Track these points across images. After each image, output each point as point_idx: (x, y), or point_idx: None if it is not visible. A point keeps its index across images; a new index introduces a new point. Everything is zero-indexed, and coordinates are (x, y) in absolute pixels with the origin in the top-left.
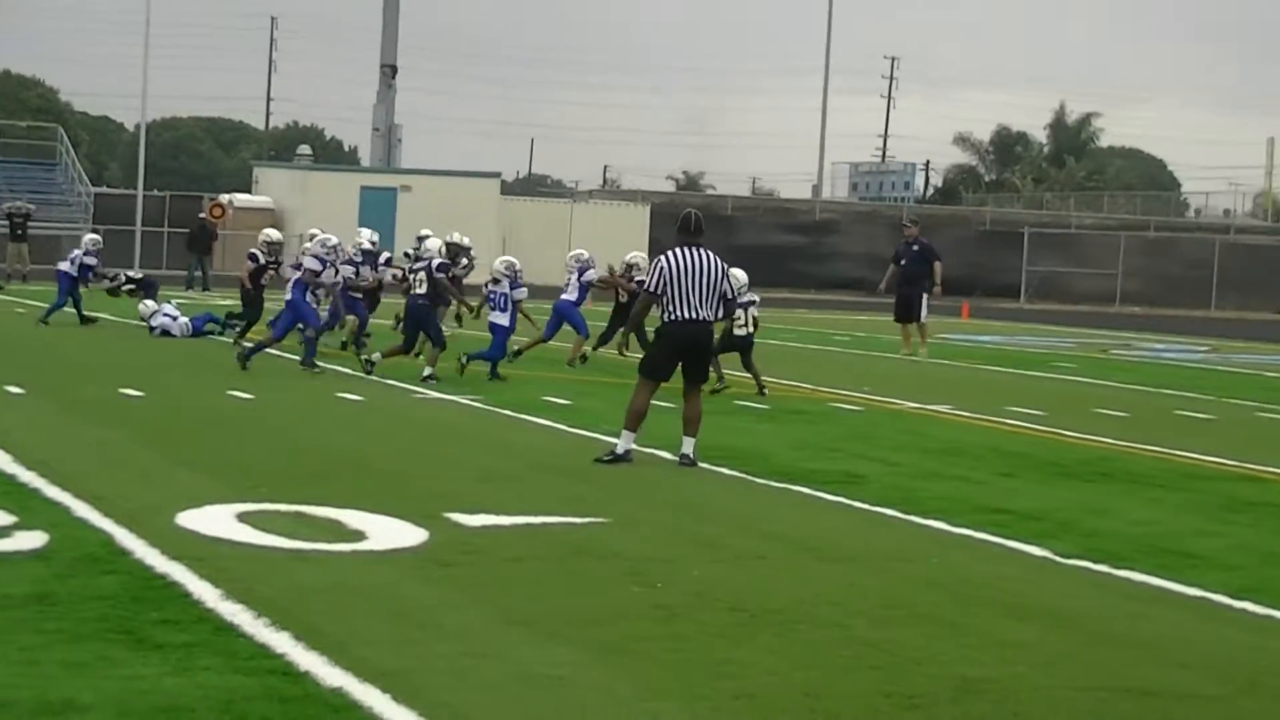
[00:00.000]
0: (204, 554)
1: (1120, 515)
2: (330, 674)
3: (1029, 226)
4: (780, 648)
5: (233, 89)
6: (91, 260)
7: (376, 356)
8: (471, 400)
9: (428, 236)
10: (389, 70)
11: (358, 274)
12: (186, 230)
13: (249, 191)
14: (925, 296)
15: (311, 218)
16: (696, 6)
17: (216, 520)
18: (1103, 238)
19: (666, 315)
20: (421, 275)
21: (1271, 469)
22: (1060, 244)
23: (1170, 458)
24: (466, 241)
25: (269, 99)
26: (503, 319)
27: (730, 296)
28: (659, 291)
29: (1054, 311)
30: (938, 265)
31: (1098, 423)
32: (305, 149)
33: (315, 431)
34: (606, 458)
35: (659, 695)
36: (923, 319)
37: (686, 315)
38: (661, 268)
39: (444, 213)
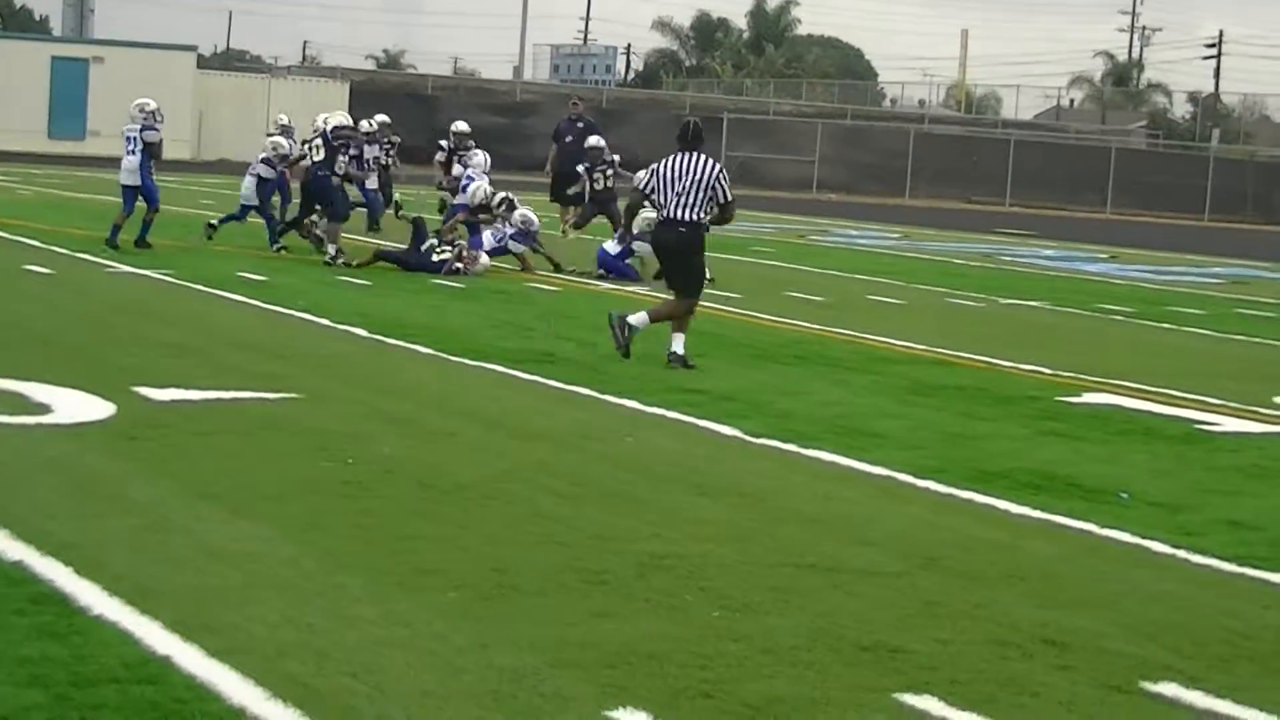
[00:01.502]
0: None
1: (811, 397)
2: (11, 547)
3: (728, 112)
4: (469, 523)
5: None
6: None
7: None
8: (164, 275)
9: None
10: None
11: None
12: None
13: None
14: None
15: None
16: None
17: None
18: (801, 125)
19: (658, 216)
20: (318, 143)
21: (957, 353)
22: (759, 130)
23: (861, 341)
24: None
25: None
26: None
27: (725, 200)
28: (648, 191)
29: (752, 197)
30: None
31: (792, 306)
32: None
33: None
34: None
35: (344, 569)
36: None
37: (664, 216)
38: (654, 169)
39: (138, 85)
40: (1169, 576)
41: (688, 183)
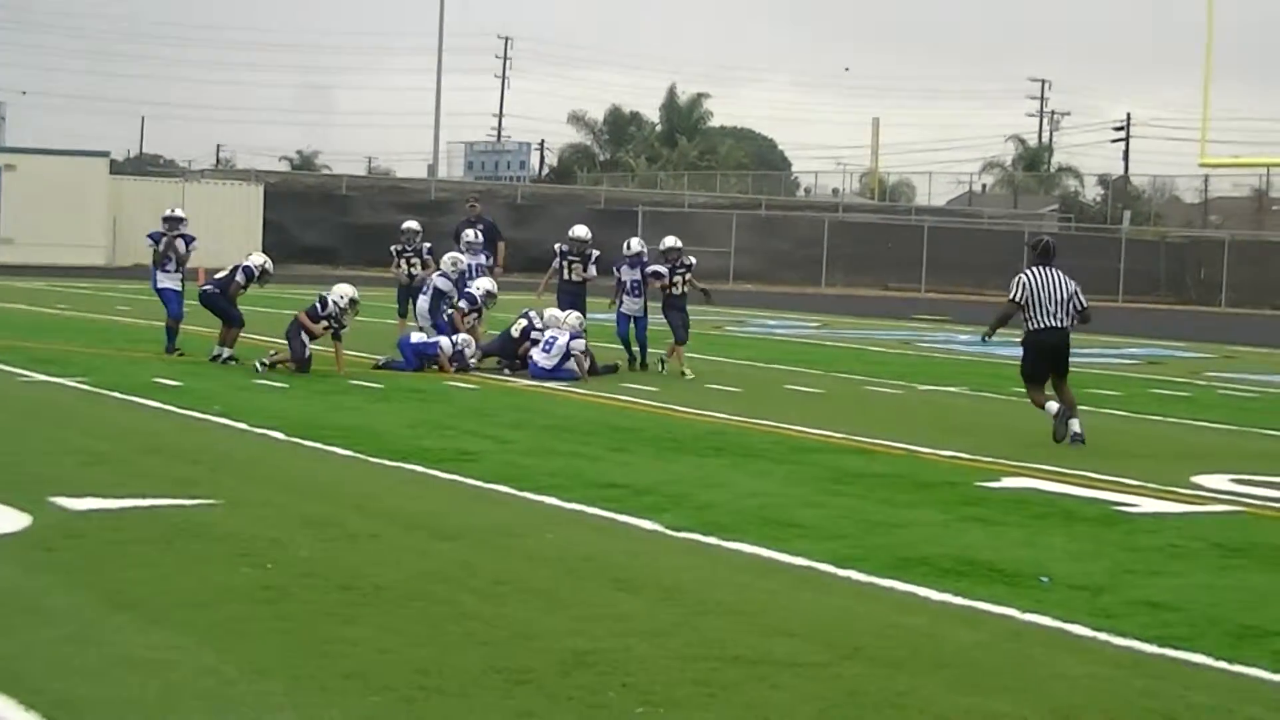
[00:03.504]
0: None
1: (730, 488)
2: None
3: (643, 205)
4: (391, 625)
5: None
6: None
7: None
8: (78, 383)
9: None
10: None
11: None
12: None
13: None
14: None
15: None
16: None
17: None
18: (715, 216)
19: (1029, 325)
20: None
21: (876, 441)
22: (674, 222)
23: (780, 431)
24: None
25: None
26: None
27: (1082, 307)
28: (1021, 301)
29: None
30: (501, 245)
31: (710, 398)
32: None
33: None
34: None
35: (266, 675)
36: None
37: (1045, 324)
38: (1023, 282)
39: (51, 193)
40: (1091, 659)
41: (1058, 294)
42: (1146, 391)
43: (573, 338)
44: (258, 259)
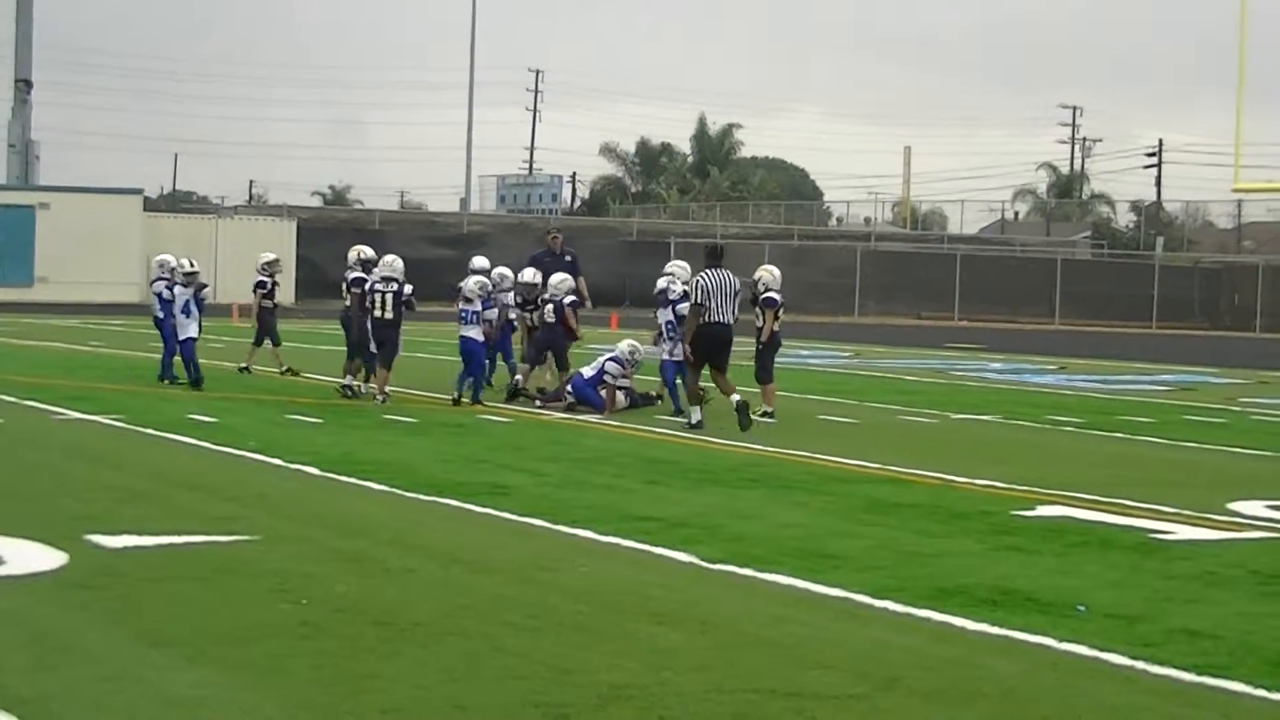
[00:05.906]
0: None
1: (766, 519)
2: None
3: (675, 236)
4: (427, 660)
5: None
6: None
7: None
8: (114, 420)
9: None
10: (24, 85)
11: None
12: None
13: None
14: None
15: None
16: (336, 20)
17: None
18: (748, 246)
19: (702, 319)
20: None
21: (911, 470)
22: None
23: (814, 462)
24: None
25: None
26: (474, 333)
27: (735, 314)
28: (701, 302)
29: None
30: (581, 280)
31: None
32: None
33: None
34: (691, 423)
35: (304, 712)
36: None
37: (716, 319)
38: (702, 284)
39: (86, 230)
40: (1129, 689)
41: (728, 293)
42: (1181, 418)
43: (612, 359)
44: (351, 257)
